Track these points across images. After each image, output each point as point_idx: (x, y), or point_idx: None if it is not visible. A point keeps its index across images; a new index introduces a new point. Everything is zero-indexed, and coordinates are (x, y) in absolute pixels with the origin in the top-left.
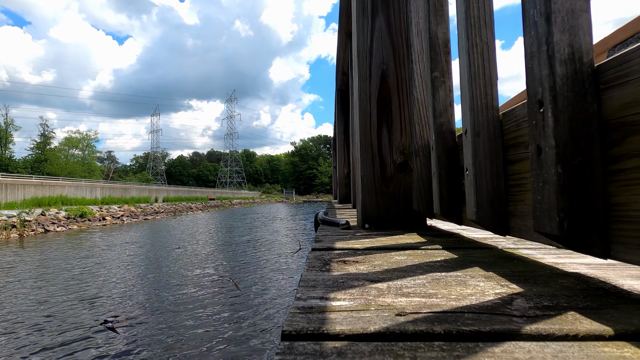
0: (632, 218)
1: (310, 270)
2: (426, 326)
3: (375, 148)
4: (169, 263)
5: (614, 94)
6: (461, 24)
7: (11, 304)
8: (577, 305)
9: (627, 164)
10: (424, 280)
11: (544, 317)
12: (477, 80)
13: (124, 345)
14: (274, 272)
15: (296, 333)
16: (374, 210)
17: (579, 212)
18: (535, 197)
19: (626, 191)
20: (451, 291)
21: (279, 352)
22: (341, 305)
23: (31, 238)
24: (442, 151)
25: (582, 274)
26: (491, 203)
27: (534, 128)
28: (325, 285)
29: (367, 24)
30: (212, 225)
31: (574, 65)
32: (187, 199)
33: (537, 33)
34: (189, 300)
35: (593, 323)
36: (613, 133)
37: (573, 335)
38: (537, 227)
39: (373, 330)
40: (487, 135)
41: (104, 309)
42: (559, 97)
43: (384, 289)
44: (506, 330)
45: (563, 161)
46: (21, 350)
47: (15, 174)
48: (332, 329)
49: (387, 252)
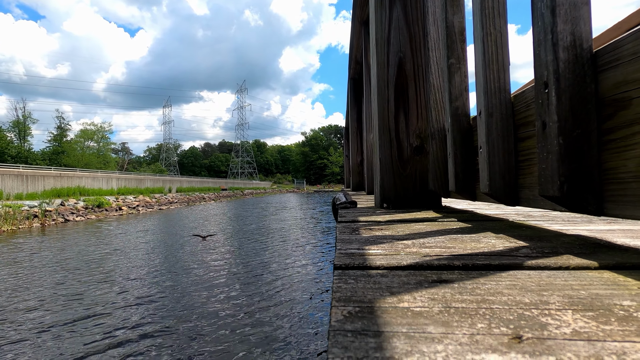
0: (621, 179)
1: (342, 234)
2: (447, 262)
3: (393, 132)
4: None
5: (609, 75)
6: (476, 14)
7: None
8: (573, 251)
9: (618, 134)
10: (443, 238)
11: (543, 257)
12: (490, 66)
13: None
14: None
15: (345, 266)
16: (392, 191)
17: (577, 176)
18: (541, 166)
19: (616, 157)
20: (466, 245)
21: (336, 276)
22: (376, 252)
23: (52, 227)
24: (458, 133)
25: (583, 235)
26: (503, 176)
27: (540, 106)
28: (359, 242)
29: (384, 14)
30: (228, 214)
31: (574, 51)
32: (200, 190)
33: (544, 23)
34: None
35: (583, 260)
36: (607, 108)
37: (565, 267)
38: (541, 191)
39: (405, 264)
40: (500, 116)
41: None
42: (561, 79)
43: (409, 244)
44: (512, 263)
45: (564, 133)
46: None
47: (34, 166)
48: (373, 263)
49: (407, 223)
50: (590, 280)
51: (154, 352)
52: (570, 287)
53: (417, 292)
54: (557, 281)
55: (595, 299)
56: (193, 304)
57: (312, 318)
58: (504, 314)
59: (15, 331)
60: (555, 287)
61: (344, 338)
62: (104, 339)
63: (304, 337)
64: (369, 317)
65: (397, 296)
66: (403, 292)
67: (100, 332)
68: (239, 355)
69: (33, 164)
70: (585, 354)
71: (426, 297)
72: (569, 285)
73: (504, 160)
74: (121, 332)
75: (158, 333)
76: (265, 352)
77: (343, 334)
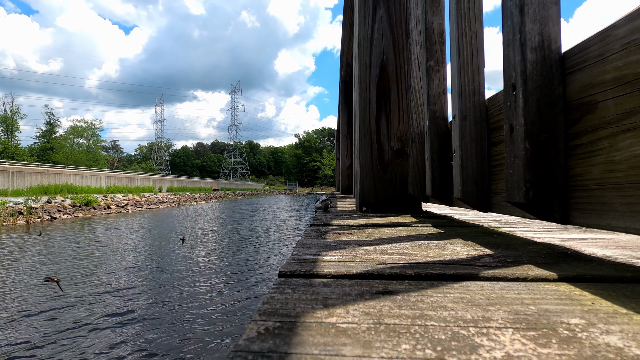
0: (586, 187)
1: (306, 238)
2: (400, 270)
3: (374, 135)
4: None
5: (576, 77)
6: (452, 14)
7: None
8: (536, 261)
9: (584, 139)
10: (408, 245)
11: (502, 267)
12: (465, 68)
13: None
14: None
15: (290, 273)
16: (372, 194)
17: (543, 182)
18: (507, 171)
19: (582, 163)
20: (429, 252)
21: (276, 284)
22: (331, 258)
23: (37, 225)
24: (435, 136)
25: (552, 244)
26: (475, 182)
27: (508, 109)
28: (319, 247)
29: (368, 14)
30: (216, 215)
31: (543, 52)
32: (191, 189)
33: (513, 22)
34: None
35: (543, 271)
36: (574, 112)
37: (523, 278)
38: (508, 197)
39: (355, 272)
40: (474, 119)
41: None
42: (529, 81)
43: (370, 250)
44: (467, 273)
45: (530, 137)
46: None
47: (21, 162)
48: (322, 271)
49: (379, 228)
50: (544, 293)
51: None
52: (520, 301)
53: (354, 305)
54: (509, 294)
55: (543, 315)
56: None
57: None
58: (437, 332)
59: None
60: (505, 301)
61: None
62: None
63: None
64: (285, 334)
65: (329, 309)
66: (338, 304)
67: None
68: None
69: (20, 160)
70: None
71: (360, 312)
72: (519, 299)
73: (477, 165)
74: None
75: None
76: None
77: (243, 356)
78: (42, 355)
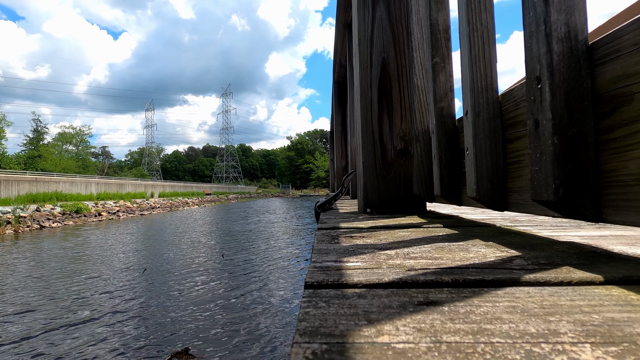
0: (622, 182)
1: (320, 243)
2: (435, 277)
3: (377, 135)
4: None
5: (607, 68)
6: (462, 8)
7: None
8: (571, 262)
9: (617, 133)
10: (429, 248)
11: (541, 270)
12: (477, 63)
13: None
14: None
15: (317, 284)
16: (375, 195)
17: (574, 179)
18: (533, 168)
19: (616, 158)
20: (455, 255)
21: (306, 297)
22: (355, 265)
23: (26, 234)
24: (443, 135)
25: (576, 242)
26: (491, 180)
27: (532, 103)
28: (337, 252)
29: (368, 13)
30: (208, 219)
31: (569, 43)
32: (184, 194)
33: (536, 13)
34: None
35: (585, 273)
36: (605, 105)
37: (567, 282)
38: (534, 196)
39: (387, 281)
40: (487, 116)
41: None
42: (555, 73)
43: (392, 255)
44: (507, 278)
45: (559, 132)
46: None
47: (8, 170)
48: (351, 280)
49: (391, 230)
50: (599, 299)
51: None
52: (579, 309)
53: (400, 319)
54: (562, 301)
55: (613, 325)
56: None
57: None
58: (509, 351)
59: None
60: (562, 309)
61: None
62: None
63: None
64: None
65: (376, 326)
66: (383, 319)
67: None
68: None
69: (7, 168)
70: None
71: (411, 327)
72: (577, 307)
73: (492, 163)
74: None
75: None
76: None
77: None
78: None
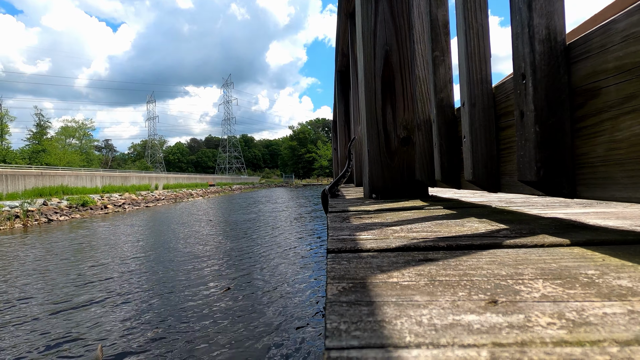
0: (591, 164)
1: (333, 222)
2: (433, 243)
3: (381, 124)
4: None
5: (580, 66)
6: (459, 7)
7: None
8: (548, 231)
9: (588, 122)
10: (429, 224)
11: (520, 237)
12: (473, 58)
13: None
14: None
15: (338, 250)
16: (380, 181)
17: (552, 161)
18: (519, 153)
19: (587, 143)
20: (451, 229)
21: (330, 258)
22: (366, 237)
23: (35, 228)
24: (443, 123)
25: (559, 217)
26: (485, 165)
27: (518, 96)
28: (350, 229)
29: (371, 7)
30: (213, 210)
31: (549, 44)
32: (187, 186)
33: (521, 17)
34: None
35: (557, 238)
36: (579, 98)
37: (540, 244)
38: (520, 177)
39: (394, 247)
40: (482, 106)
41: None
42: (537, 70)
43: (397, 229)
44: (491, 243)
45: (540, 122)
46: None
47: (14, 165)
48: (364, 247)
49: (396, 211)
50: (561, 255)
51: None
52: (543, 261)
53: (405, 269)
54: (532, 257)
55: (564, 270)
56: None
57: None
58: (483, 284)
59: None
60: (530, 261)
61: (340, 307)
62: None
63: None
64: (362, 290)
65: (387, 273)
66: (392, 269)
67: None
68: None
69: (12, 163)
70: (550, 311)
71: (413, 273)
72: (542, 260)
73: (486, 149)
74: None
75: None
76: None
77: (339, 304)
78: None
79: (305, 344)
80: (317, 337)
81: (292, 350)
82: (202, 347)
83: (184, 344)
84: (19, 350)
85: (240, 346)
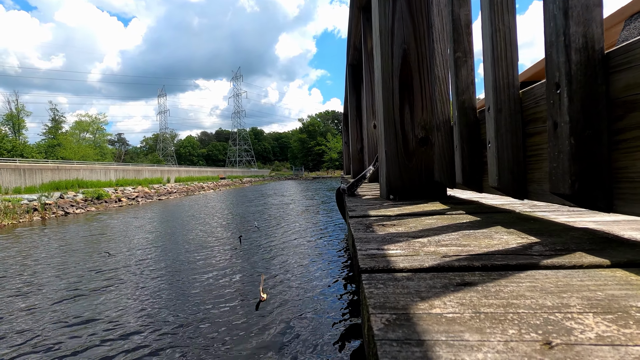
0: (630, 178)
1: (357, 232)
2: (467, 263)
3: (398, 124)
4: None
5: (620, 77)
6: (485, 9)
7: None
8: (584, 248)
9: (628, 135)
10: (456, 235)
11: (556, 255)
12: (499, 63)
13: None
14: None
15: (371, 269)
16: (398, 182)
17: (588, 174)
18: (552, 165)
19: (626, 157)
20: (481, 242)
21: (365, 279)
22: (396, 253)
23: (52, 220)
24: (464, 126)
25: (590, 228)
26: (511, 171)
27: (551, 106)
28: (376, 240)
29: (388, 5)
30: (226, 203)
31: (586, 53)
32: (199, 179)
33: (556, 25)
34: None
35: (595, 258)
36: (618, 109)
37: (579, 265)
38: (552, 189)
39: (428, 266)
40: (509, 112)
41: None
42: (573, 81)
43: (425, 242)
44: (528, 263)
45: (575, 134)
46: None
47: (31, 159)
48: (397, 266)
49: (417, 217)
50: (604, 280)
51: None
52: (587, 288)
53: (445, 296)
54: (574, 281)
55: (612, 300)
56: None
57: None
58: (531, 318)
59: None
60: (573, 288)
61: (391, 347)
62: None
63: None
64: (407, 324)
65: (428, 302)
66: (432, 296)
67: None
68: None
69: (29, 158)
70: (611, 359)
71: (455, 302)
72: (585, 287)
73: (512, 155)
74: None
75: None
76: None
77: (389, 344)
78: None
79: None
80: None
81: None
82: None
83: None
84: (48, 329)
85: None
